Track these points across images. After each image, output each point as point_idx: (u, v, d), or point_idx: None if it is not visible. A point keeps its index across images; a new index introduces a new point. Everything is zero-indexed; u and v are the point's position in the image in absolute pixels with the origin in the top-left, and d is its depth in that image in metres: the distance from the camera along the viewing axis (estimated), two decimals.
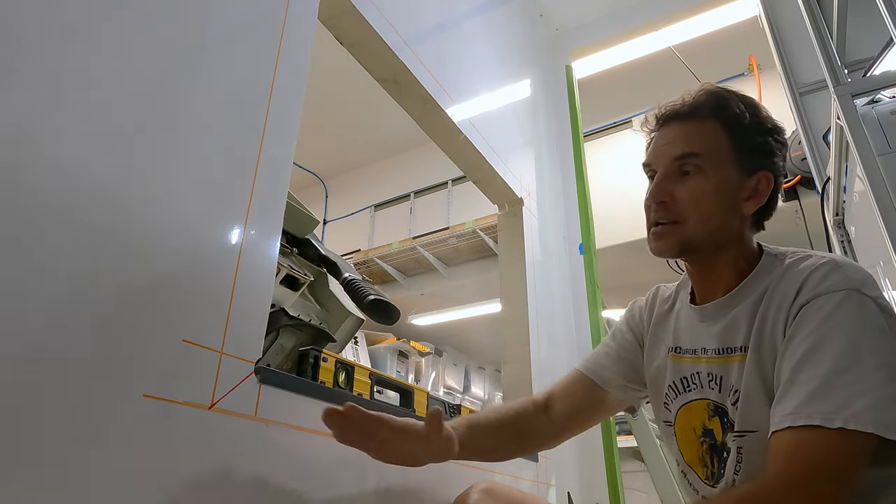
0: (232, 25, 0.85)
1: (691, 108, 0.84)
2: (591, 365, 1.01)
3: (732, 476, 0.78)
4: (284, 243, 1.11)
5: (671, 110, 0.86)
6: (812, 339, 0.68)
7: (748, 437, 0.76)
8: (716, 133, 0.83)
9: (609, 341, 1.03)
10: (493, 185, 1.85)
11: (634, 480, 3.58)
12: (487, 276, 3.49)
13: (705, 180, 0.82)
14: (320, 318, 1.17)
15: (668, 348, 0.92)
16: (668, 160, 0.84)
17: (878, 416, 0.61)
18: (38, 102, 0.59)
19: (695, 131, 0.84)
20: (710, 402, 0.83)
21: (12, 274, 0.54)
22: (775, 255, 0.83)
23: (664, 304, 0.96)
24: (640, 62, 2.77)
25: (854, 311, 0.68)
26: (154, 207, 0.69)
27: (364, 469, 0.93)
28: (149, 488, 0.62)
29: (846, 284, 0.70)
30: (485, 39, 1.95)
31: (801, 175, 2.61)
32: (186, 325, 0.69)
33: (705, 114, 0.83)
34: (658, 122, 0.88)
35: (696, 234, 0.82)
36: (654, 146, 0.87)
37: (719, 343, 0.83)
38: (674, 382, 0.89)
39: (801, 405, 0.64)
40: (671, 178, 0.83)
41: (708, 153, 0.82)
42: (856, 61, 1.87)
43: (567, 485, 1.76)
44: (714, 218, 0.82)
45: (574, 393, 1.00)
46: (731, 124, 0.83)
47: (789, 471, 0.62)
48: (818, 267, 0.75)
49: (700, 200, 0.81)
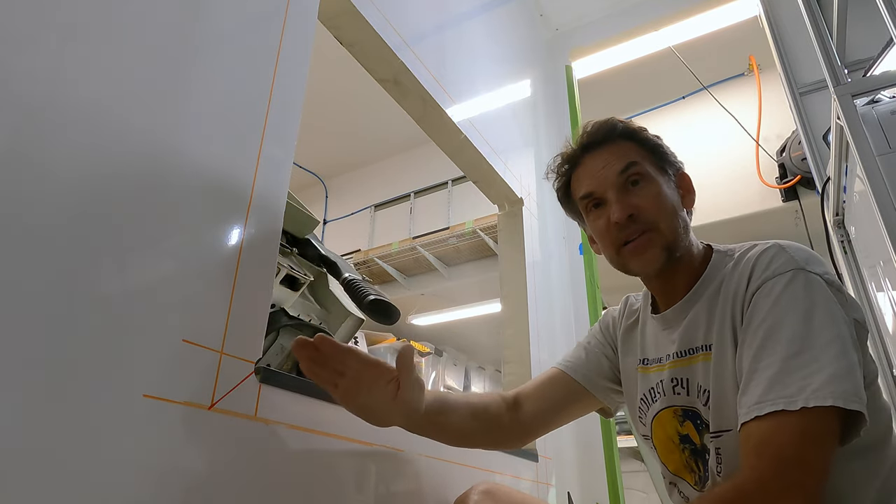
0: (232, 25, 0.85)
1: (603, 134, 0.88)
2: (572, 363, 1.01)
3: (716, 477, 0.78)
4: (284, 243, 1.11)
5: (586, 142, 0.90)
6: (766, 325, 0.70)
7: (724, 436, 0.77)
8: (633, 147, 0.87)
9: (586, 343, 1.04)
10: (493, 185, 1.85)
11: (634, 480, 3.57)
12: (487, 276, 3.49)
13: (653, 184, 0.85)
14: (320, 318, 1.17)
15: (637, 360, 0.93)
16: (612, 177, 0.85)
17: (836, 389, 0.62)
18: (36, 103, 0.59)
19: (620, 149, 0.87)
20: (676, 408, 0.84)
21: (12, 274, 0.54)
22: (724, 252, 0.85)
23: (630, 318, 0.97)
24: (640, 62, 2.77)
25: (801, 289, 0.70)
26: (154, 207, 0.69)
27: (364, 469, 0.93)
28: (149, 488, 0.62)
29: (791, 265, 0.72)
30: (485, 39, 1.95)
31: (801, 175, 2.61)
32: (186, 325, 0.69)
33: (617, 136, 0.88)
34: (576, 157, 0.90)
35: (671, 235, 0.83)
36: (589, 173, 0.88)
37: (680, 346, 0.84)
38: (644, 395, 0.90)
39: (764, 393, 0.65)
40: (624, 192, 0.84)
41: (642, 161, 0.86)
42: (856, 61, 1.87)
43: (567, 485, 1.76)
44: (675, 217, 0.84)
45: (548, 393, 1.00)
46: (638, 139, 0.88)
47: (760, 464, 0.62)
48: (763, 252, 0.77)
49: (658, 203, 0.83)
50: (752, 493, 0.61)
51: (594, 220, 0.88)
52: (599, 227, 0.87)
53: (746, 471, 0.63)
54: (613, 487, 1.89)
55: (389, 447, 1.00)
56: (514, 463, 1.47)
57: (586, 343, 1.04)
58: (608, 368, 1.00)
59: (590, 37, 2.65)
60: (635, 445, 2.24)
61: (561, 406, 1.00)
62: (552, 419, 1.00)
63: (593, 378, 1.00)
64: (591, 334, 1.05)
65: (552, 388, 1.00)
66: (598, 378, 1.00)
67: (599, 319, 1.06)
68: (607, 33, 2.62)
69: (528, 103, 2.27)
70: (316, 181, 4.60)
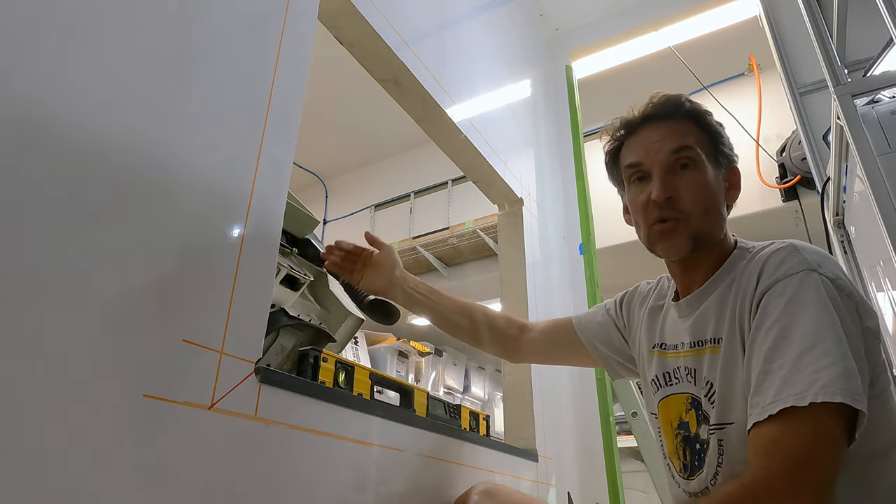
0: (232, 25, 0.85)
1: (668, 109, 0.87)
2: (584, 323, 1.09)
3: (715, 469, 0.78)
4: (284, 243, 1.11)
5: (649, 113, 0.88)
6: (778, 326, 0.70)
7: (727, 429, 0.77)
8: (695, 130, 0.86)
9: (605, 309, 1.09)
10: (493, 185, 1.84)
11: (634, 480, 3.58)
12: (487, 276, 3.49)
13: (701, 172, 0.84)
14: (320, 318, 1.17)
15: (653, 344, 0.94)
16: (664, 155, 0.84)
17: (846, 386, 0.62)
18: (35, 103, 0.59)
19: (681, 128, 0.86)
20: (689, 395, 0.85)
21: (11, 274, 0.54)
22: (745, 248, 0.85)
23: (659, 299, 0.98)
24: (640, 62, 2.77)
25: (813, 291, 0.70)
26: (154, 207, 0.69)
27: (364, 469, 0.93)
28: (149, 488, 0.62)
29: (803, 266, 0.72)
30: (485, 39, 1.95)
31: (801, 175, 2.61)
32: (186, 325, 0.69)
33: (683, 114, 0.86)
34: (634, 124, 0.89)
35: (701, 227, 0.83)
36: (643, 144, 0.87)
37: (691, 337, 0.85)
38: (657, 377, 0.92)
39: (777, 393, 0.66)
40: (671, 172, 0.84)
41: (698, 146, 0.85)
42: (856, 61, 1.87)
43: (567, 485, 1.76)
44: (712, 210, 0.84)
45: (554, 336, 1.12)
46: (702, 122, 0.87)
47: (770, 463, 0.63)
48: (775, 252, 0.77)
49: (700, 193, 0.83)
50: (760, 491, 0.61)
51: (635, 193, 0.87)
52: (638, 201, 0.86)
53: (756, 470, 0.63)
54: (613, 487, 1.89)
55: (389, 447, 1.00)
56: (514, 463, 1.47)
57: (605, 309, 1.09)
58: (616, 340, 1.04)
59: (590, 37, 2.64)
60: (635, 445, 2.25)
61: (559, 351, 1.15)
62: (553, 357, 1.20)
63: (595, 344, 1.06)
64: (613, 302, 1.09)
65: (559, 333, 1.12)
66: (602, 346, 1.06)
67: (628, 290, 1.08)
68: (607, 33, 2.62)
69: (528, 103, 2.26)
70: (316, 181, 4.60)
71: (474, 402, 4.35)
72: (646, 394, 0.96)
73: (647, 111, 0.88)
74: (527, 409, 1.65)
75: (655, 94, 0.89)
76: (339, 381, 0.94)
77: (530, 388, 1.67)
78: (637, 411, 2.18)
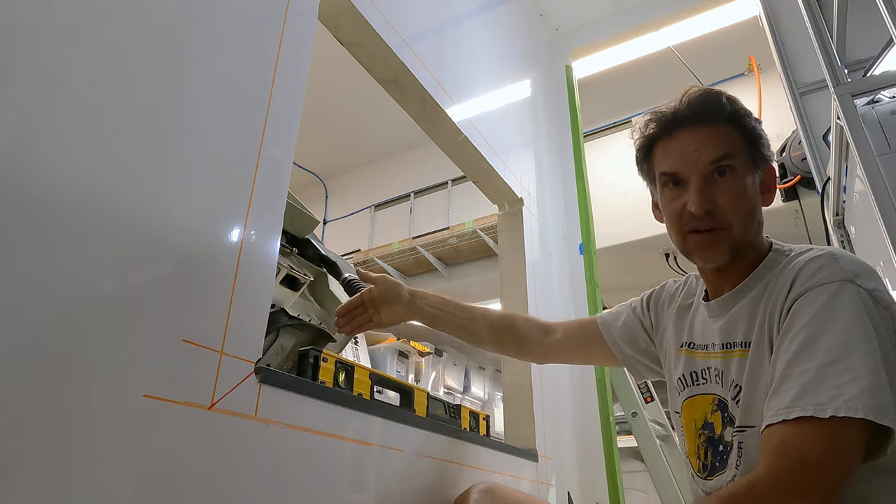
0: (232, 25, 0.85)
1: (707, 113, 0.82)
2: (608, 323, 1.08)
3: (734, 471, 0.78)
4: (284, 243, 1.11)
5: (686, 115, 0.83)
6: (806, 332, 0.69)
7: (748, 431, 0.76)
8: (734, 134, 0.82)
9: (630, 308, 1.07)
10: (493, 185, 1.84)
11: (634, 480, 3.58)
12: (487, 276, 3.48)
13: (739, 181, 0.81)
14: (320, 318, 1.17)
15: (681, 343, 0.93)
16: (703, 165, 0.80)
17: (869, 402, 0.61)
18: (35, 102, 0.59)
19: (720, 133, 0.82)
20: (716, 396, 0.84)
21: (12, 274, 0.54)
22: (781, 251, 0.83)
23: (688, 298, 0.97)
24: (640, 62, 2.77)
25: (847, 302, 0.68)
26: (154, 207, 0.69)
27: (364, 469, 0.93)
28: (149, 488, 0.62)
29: (840, 276, 0.70)
30: (485, 39, 1.95)
31: (801, 175, 2.60)
32: (186, 325, 0.69)
33: (722, 118, 0.82)
34: (670, 125, 0.84)
35: (741, 237, 0.81)
36: (679, 151, 0.82)
37: (722, 338, 0.84)
38: (683, 376, 0.91)
39: (796, 398, 0.64)
40: (709, 182, 0.81)
41: (737, 153, 0.81)
42: (856, 61, 1.87)
43: (567, 485, 1.76)
44: (750, 217, 0.82)
45: (580, 338, 1.10)
46: (740, 124, 0.83)
47: (777, 463, 0.62)
48: (813, 259, 0.75)
49: (738, 202, 0.80)
50: (766, 490, 0.61)
51: (669, 198, 0.84)
52: (673, 208, 0.83)
53: (764, 469, 0.63)
54: (613, 487, 1.89)
55: (389, 447, 1.00)
56: (514, 463, 1.47)
57: (631, 308, 1.07)
58: (642, 340, 1.03)
59: (590, 37, 2.64)
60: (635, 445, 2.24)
61: (583, 351, 1.12)
62: (576, 357, 1.19)
63: (620, 345, 1.05)
64: (639, 301, 1.07)
65: (583, 334, 1.10)
66: (626, 346, 1.04)
67: (654, 289, 1.06)
68: (607, 33, 2.62)
69: (528, 103, 2.26)
70: (316, 181, 4.60)
71: (474, 402, 4.35)
72: (671, 391, 0.95)
73: (683, 110, 0.83)
74: (527, 409, 1.65)
75: (691, 89, 0.84)
76: (339, 381, 0.94)
77: (530, 388, 1.67)
78: (637, 411, 2.18)
